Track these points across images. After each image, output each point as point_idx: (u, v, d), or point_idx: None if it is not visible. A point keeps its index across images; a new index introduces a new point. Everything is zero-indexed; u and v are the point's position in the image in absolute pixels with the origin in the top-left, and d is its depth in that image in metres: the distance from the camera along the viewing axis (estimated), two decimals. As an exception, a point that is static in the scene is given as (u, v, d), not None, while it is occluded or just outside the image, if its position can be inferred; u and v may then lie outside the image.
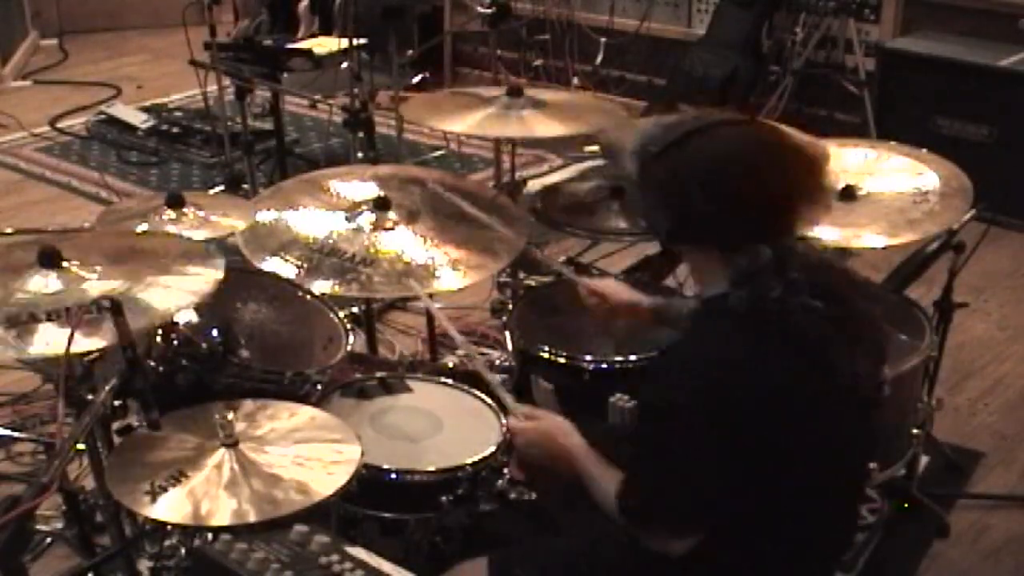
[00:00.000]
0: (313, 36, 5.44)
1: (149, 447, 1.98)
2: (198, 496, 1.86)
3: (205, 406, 2.09)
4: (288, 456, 1.98)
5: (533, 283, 3.23)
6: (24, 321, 1.93)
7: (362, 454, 2.01)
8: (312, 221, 2.60)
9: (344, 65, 4.55)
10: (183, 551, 2.19)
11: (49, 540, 2.72)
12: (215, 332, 2.36)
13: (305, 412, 2.13)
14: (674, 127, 1.86)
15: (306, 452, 1.99)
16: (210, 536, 1.83)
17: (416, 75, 5.64)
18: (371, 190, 2.70)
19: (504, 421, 2.32)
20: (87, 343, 1.90)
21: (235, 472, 1.92)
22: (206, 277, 2.13)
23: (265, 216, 2.61)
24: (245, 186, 4.43)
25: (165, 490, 1.87)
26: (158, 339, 2.32)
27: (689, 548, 1.83)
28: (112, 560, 2.41)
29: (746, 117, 1.90)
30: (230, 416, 1.99)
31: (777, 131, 1.90)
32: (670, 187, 1.82)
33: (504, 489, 2.27)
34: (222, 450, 1.96)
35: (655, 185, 1.85)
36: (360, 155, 4.05)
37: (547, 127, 2.98)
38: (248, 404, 2.11)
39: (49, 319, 1.93)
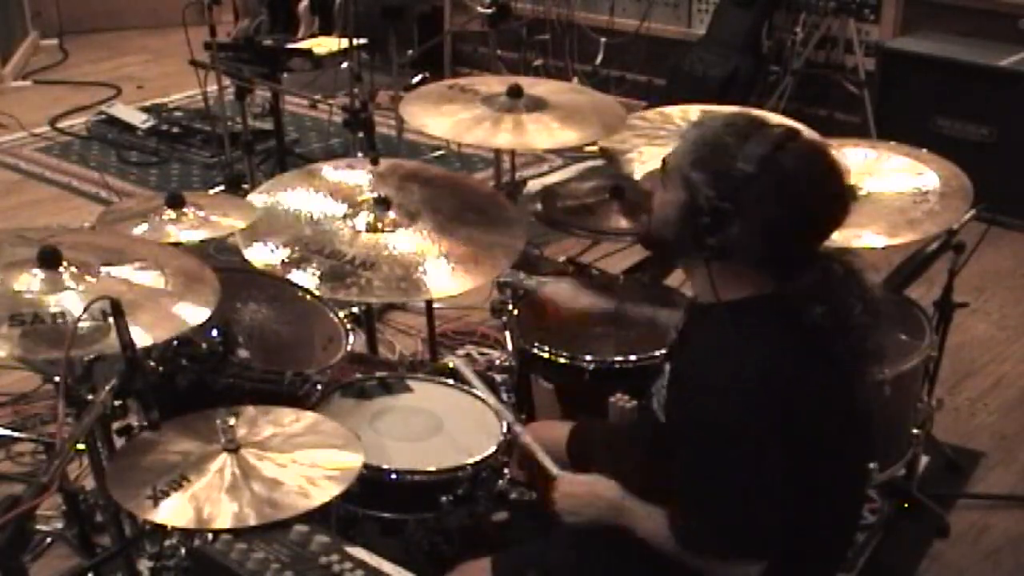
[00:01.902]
0: (313, 36, 5.44)
1: (151, 452, 1.98)
2: (200, 500, 1.87)
3: (207, 412, 2.09)
4: (289, 461, 1.98)
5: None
6: (28, 321, 1.92)
7: (363, 461, 2.01)
8: (310, 213, 2.60)
9: (344, 65, 4.55)
10: (183, 551, 2.19)
11: (49, 540, 2.72)
12: (215, 332, 2.35)
13: (306, 417, 2.13)
14: (752, 138, 1.77)
15: (307, 458, 1.99)
16: (210, 536, 1.83)
17: (416, 75, 5.63)
18: (366, 178, 2.69)
19: (506, 429, 2.32)
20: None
21: (236, 477, 1.92)
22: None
23: (260, 200, 2.62)
24: (245, 186, 4.42)
25: (167, 495, 1.87)
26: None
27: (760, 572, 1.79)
28: (112, 560, 2.41)
29: (792, 128, 1.87)
30: (232, 421, 1.99)
31: (822, 144, 1.89)
32: (773, 207, 1.74)
33: (504, 489, 2.27)
34: (224, 455, 1.96)
35: (759, 205, 1.74)
36: (360, 155, 4.05)
37: (547, 134, 2.93)
38: (250, 409, 2.11)
39: (52, 320, 1.93)
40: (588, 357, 2.54)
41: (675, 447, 1.85)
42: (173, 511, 1.85)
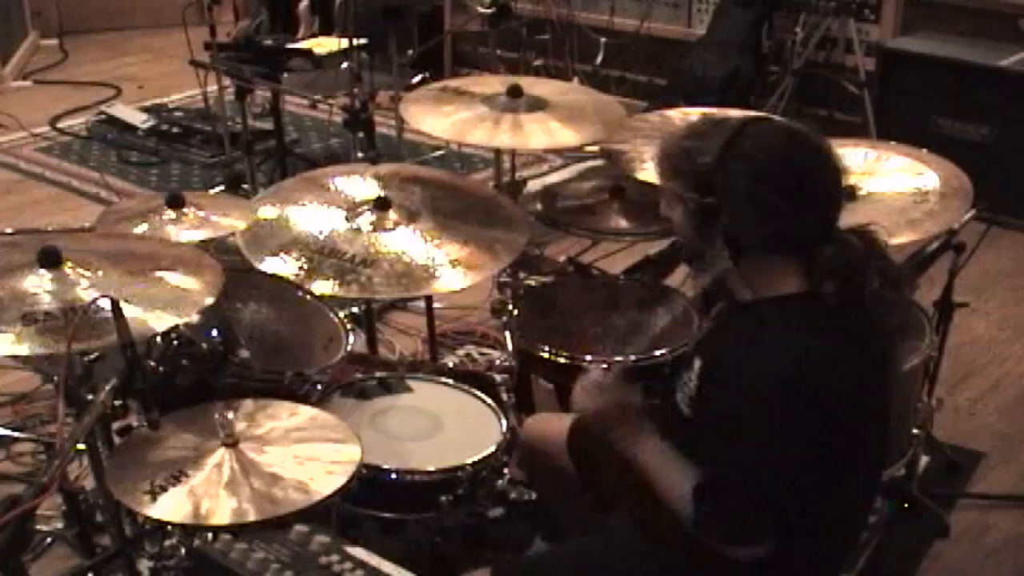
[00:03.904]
0: (313, 36, 5.44)
1: (149, 447, 1.99)
2: (198, 495, 1.87)
3: (205, 406, 2.09)
4: (288, 456, 1.98)
5: (533, 283, 3.23)
6: (38, 320, 1.93)
7: (362, 454, 2.01)
8: (312, 219, 2.60)
9: (344, 65, 4.55)
10: (183, 551, 2.19)
11: (49, 540, 2.72)
12: (215, 332, 2.36)
13: (305, 412, 2.14)
14: (708, 135, 1.83)
15: (306, 451, 2.00)
16: (210, 536, 1.83)
17: (416, 75, 5.63)
18: (371, 188, 2.70)
19: (505, 425, 2.32)
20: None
21: (235, 471, 1.92)
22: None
23: (265, 213, 2.61)
24: (245, 186, 4.43)
25: (165, 489, 1.88)
26: (158, 339, 2.32)
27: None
28: (112, 560, 2.41)
29: (755, 115, 1.90)
30: (230, 416, 1.99)
31: (789, 122, 1.92)
32: (746, 186, 1.78)
33: (504, 489, 2.27)
34: (222, 449, 1.96)
35: (733, 189, 1.79)
36: (360, 155, 4.05)
37: (547, 135, 2.92)
38: (248, 404, 2.11)
39: (56, 318, 1.94)
40: (588, 357, 2.54)
41: (699, 437, 1.85)
42: (171, 506, 1.86)
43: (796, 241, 1.81)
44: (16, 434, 3.13)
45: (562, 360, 2.55)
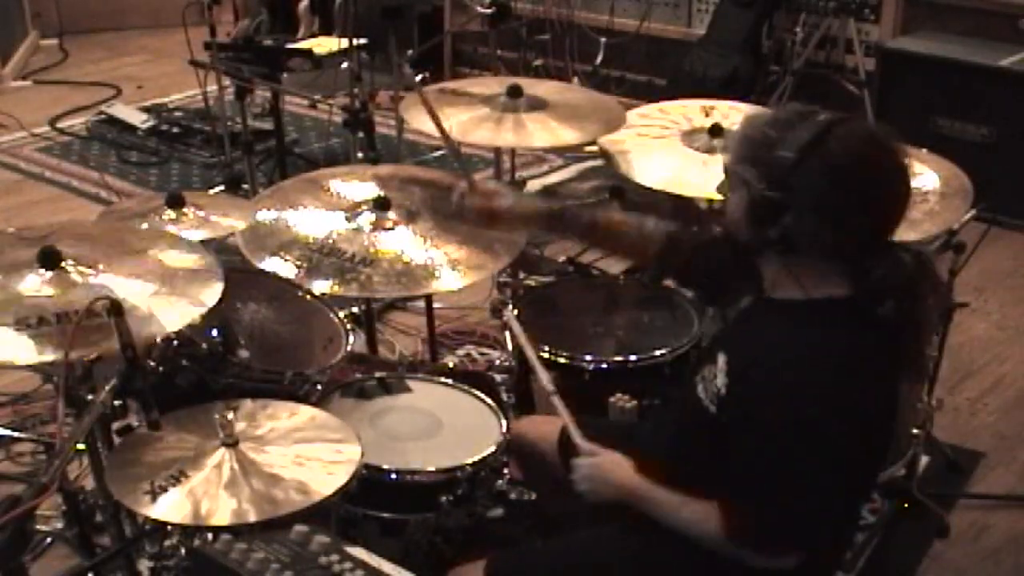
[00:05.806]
0: (313, 36, 5.44)
1: (149, 447, 1.99)
2: (198, 496, 1.87)
3: (205, 406, 2.09)
4: (288, 456, 1.98)
5: (533, 283, 3.23)
6: (34, 323, 1.92)
7: (362, 454, 2.01)
8: (312, 221, 2.60)
9: (344, 65, 4.55)
10: (183, 551, 2.19)
11: (49, 540, 2.72)
12: (215, 332, 2.35)
13: (305, 412, 2.14)
14: (796, 127, 1.76)
15: (306, 452, 2.00)
16: (210, 536, 1.83)
17: (416, 75, 5.63)
18: (371, 190, 2.70)
19: (505, 425, 2.32)
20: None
21: (235, 472, 1.92)
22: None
23: (265, 216, 2.61)
24: (245, 186, 4.43)
25: (165, 490, 1.88)
26: (158, 339, 2.32)
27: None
28: (112, 560, 2.41)
29: (843, 115, 1.83)
30: (230, 416, 1.99)
31: (874, 126, 1.89)
32: (824, 191, 1.73)
33: (504, 489, 2.27)
34: (222, 450, 1.96)
35: (809, 191, 1.73)
36: (360, 155, 4.05)
37: (547, 134, 2.93)
38: (248, 404, 2.11)
39: (58, 321, 1.93)
40: (588, 357, 2.54)
41: (738, 440, 1.79)
42: (171, 507, 1.86)
43: (851, 250, 1.78)
44: (16, 434, 3.13)
45: (562, 360, 2.55)
